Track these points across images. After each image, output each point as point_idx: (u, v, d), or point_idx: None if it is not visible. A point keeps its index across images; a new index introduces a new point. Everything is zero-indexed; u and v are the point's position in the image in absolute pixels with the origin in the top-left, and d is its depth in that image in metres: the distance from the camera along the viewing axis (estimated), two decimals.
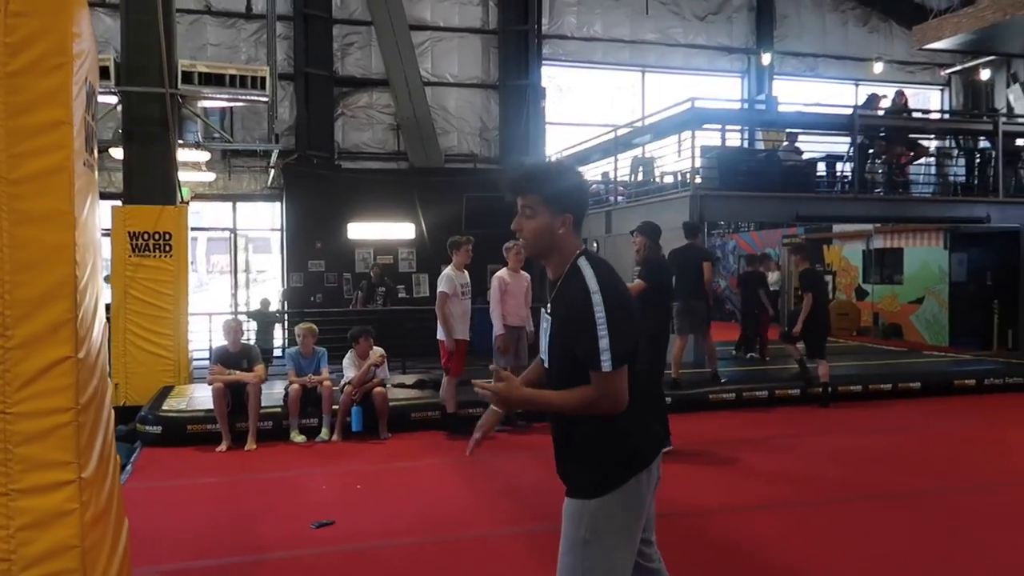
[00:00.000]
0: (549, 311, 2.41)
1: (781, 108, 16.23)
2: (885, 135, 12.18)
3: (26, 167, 2.54)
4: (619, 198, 13.06)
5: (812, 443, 7.14)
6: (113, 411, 3.16)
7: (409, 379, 8.92)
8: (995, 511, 5.12)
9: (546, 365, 2.44)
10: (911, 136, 12.50)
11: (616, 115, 16.76)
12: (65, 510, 2.55)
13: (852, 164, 11.64)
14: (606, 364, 2.16)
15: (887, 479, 5.91)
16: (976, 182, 12.54)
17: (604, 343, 2.17)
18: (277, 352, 12.09)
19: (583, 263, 2.31)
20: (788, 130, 12.61)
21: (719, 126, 13.36)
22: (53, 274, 2.59)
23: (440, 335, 7.32)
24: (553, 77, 17.68)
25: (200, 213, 15.78)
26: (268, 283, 18.78)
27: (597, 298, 2.21)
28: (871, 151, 12.10)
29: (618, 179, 13.37)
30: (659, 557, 2.52)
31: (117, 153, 9.73)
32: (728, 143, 13.70)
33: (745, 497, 5.47)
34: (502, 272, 7.52)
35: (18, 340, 2.53)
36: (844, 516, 5.04)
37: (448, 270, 7.36)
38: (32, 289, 2.56)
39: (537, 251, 2.40)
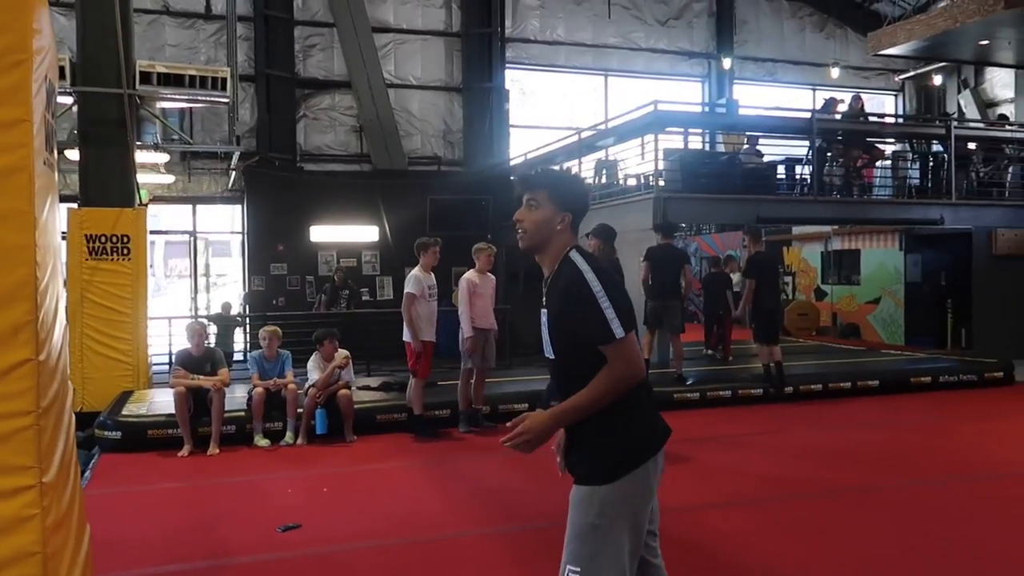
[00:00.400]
0: (545, 304, 2.48)
1: (741, 112, 16.52)
2: (843, 139, 12.42)
3: None
4: None
5: (775, 440, 7.25)
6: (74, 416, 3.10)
7: (374, 381, 8.87)
8: (952, 505, 5.24)
9: (550, 357, 2.48)
10: (868, 140, 12.76)
11: (579, 118, 16.86)
12: (26, 516, 2.49)
13: (811, 167, 11.84)
14: (618, 331, 2.27)
15: (848, 475, 6.02)
16: (930, 185, 12.84)
17: (610, 313, 2.27)
18: (238, 356, 11.93)
19: (574, 255, 2.43)
20: (748, 133, 12.80)
21: (681, 129, 13.53)
22: (13, 275, 2.52)
23: (406, 337, 7.28)
24: (516, 80, 17.73)
25: (158, 216, 15.51)
26: (228, 287, 18.53)
27: (591, 276, 2.33)
28: (829, 154, 12.33)
29: (585, 181, 13.43)
30: (660, 554, 2.56)
31: (73, 155, 9.53)
32: (690, 146, 13.88)
33: (711, 494, 5.53)
34: (470, 274, 7.50)
35: None
36: (808, 511, 5.13)
37: (415, 271, 7.31)
38: None
39: (534, 242, 2.49)
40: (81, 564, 2.89)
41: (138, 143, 9.81)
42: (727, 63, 18.66)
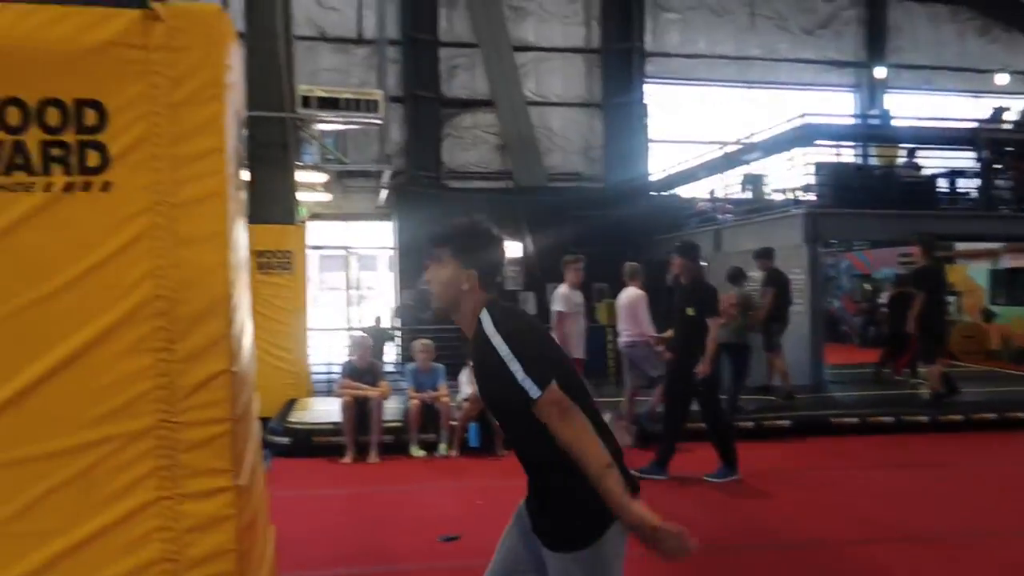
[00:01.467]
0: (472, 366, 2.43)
1: (895, 122, 15.67)
2: (1014, 150, 11.57)
3: (186, 192, 2.68)
4: (727, 216, 12.82)
5: (947, 473, 6.77)
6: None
7: None
8: None
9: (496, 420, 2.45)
10: None
11: (721, 131, 16.48)
12: (223, 515, 2.66)
13: (978, 180, 11.08)
14: (533, 391, 2.12)
15: None
16: None
17: (520, 375, 2.13)
18: (388, 367, 12.35)
19: (484, 315, 2.31)
20: (904, 145, 12.13)
21: (831, 142, 12.98)
22: (211, 292, 2.72)
23: None
24: (656, 95, 17.56)
25: (313, 232, 16.33)
26: (375, 300, 19.23)
27: (497, 340, 2.21)
28: (998, 166, 11.50)
29: (728, 196, 13.11)
30: None
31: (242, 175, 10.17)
32: (841, 159, 13.28)
33: (886, 526, 5.24)
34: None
35: (182, 354, 2.67)
36: (995, 552, 4.75)
37: (562, 289, 7.34)
38: (192, 306, 2.69)
39: (443, 303, 2.42)
40: (268, 562, 3.07)
41: (297, 163, 10.34)
42: (881, 72, 17.76)
